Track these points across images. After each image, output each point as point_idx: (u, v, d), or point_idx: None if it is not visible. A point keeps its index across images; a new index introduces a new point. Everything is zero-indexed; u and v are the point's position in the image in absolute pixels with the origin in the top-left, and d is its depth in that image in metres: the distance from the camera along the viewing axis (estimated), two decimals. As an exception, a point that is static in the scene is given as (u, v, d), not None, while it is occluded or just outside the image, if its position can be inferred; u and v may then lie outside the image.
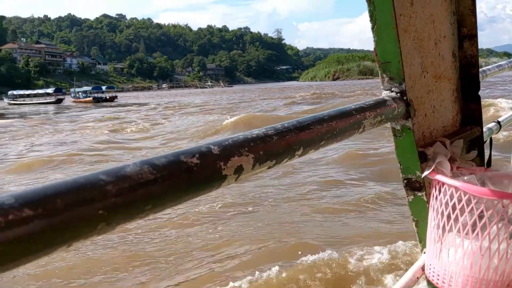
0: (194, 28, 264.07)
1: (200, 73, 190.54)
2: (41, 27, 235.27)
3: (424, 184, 1.27)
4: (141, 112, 27.79)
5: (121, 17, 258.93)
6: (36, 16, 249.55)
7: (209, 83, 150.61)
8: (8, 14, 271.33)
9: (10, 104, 57.41)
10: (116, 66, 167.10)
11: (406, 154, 1.24)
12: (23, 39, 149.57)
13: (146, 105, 38.88)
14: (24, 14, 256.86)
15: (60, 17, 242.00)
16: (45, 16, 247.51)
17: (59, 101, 55.32)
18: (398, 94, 1.14)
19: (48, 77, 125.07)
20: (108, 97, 53.21)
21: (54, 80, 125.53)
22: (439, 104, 1.38)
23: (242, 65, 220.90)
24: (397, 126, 1.19)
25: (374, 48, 1.14)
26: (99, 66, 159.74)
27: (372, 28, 1.15)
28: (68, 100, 54.19)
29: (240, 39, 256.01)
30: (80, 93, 55.08)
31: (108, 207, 0.43)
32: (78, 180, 0.43)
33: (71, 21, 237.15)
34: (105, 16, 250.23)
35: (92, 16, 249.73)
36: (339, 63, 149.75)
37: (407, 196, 1.31)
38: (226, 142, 0.61)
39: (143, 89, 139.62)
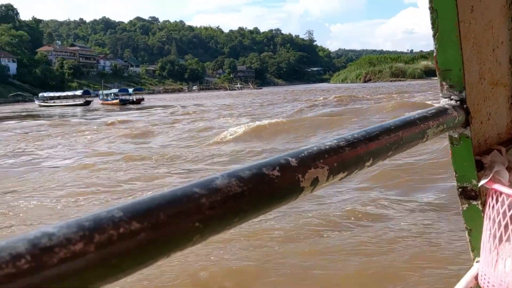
0: (226, 30, 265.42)
1: (231, 75, 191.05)
2: (76, 30, 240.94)
3: (479, 193, 1.25)
4: (155, 116, 27.68)
5: (154, 19, 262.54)
6: (72, 19, 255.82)
7: (238, 85, 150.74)
8: (46, 17, 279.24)
9: (40, 106, 58.59)
10: (148, 68, 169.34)
11: (462, 162, 1.23)
12: (58, 42, 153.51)
13: (169, 108, 38.94)
14: (61, 18, 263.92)
15: (95, 20, 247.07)
16: (81, 19, 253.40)
17: (87, 103, 56.12)
18: (458, 102, 1.13)
19: (82, 79, 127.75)
20: (134, 100, 53.58)
21: (88, 82, 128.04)
22: (495, 111, 1.36)
23: (273, 67, 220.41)
24: (455, 134, 1.19)
25: (435, 56, 1.12)
26: (131, 68, 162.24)
27: (434, 36, 1.14)
28: (97, 102, 54.94)
29: (271, 40, 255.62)
30: (107, 95, 55.66)
31: (203, 219, 0.45)
32: (176, 193, 0.45)
33: (106, 24, 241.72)
34: (138, 19, 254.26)
35: (126, 19, 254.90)
36: (370, 64, 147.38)
37: (461, 205, 1.29)
38: (302, 154, 0.61)
39: (173, 91, 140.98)
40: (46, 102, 60.15)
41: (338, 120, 13.98)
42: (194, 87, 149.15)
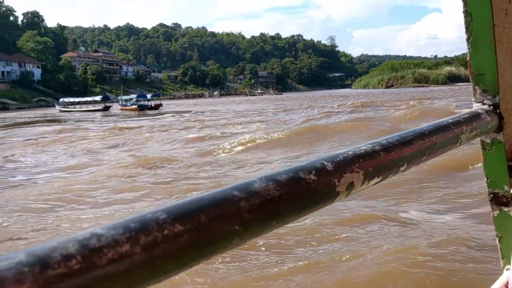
0: (247, 36, 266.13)
1: (252, 80, 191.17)
2: (101, 36, 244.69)
3: (511, 199, 1.22)
4: (164, 121, 27.42)
5: (177, 26, 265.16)
6: (96, 25, 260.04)
7: (259, 91, 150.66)
8: (71, 24, 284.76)
9: (61, 111, 59.22)
10: (170, 74, 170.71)
11: (494, 168, 1.22)
12: (82, 48, 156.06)
13: (183, 114, 38.85)
14: (86, 24, 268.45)
15: (119, 27, 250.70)
16: (105, 25, 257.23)
17: (106, 108, 56.56)
18: (491, 107, 1.11)
19: (105, 85, 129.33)
20: (153, 105, 53.68)
21: (110, 87, 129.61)
22: None
23: (294, 73, 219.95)
24: (487, 139, 1.18)
25: (468, 60, 1.11)
26: (154, 74, 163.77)
27: (468, 40, 1.12)
28: (116, 108, 55.29)
29: (293, 46, 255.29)
30: (126, 101, 55.91)
31: (242, 222, 0.46)
32: (216, 196, 0.45)
33: (129, 31, 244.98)
34: (161, 25, 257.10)
35: (149, 26, 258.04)
36: (393, 70, 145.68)
37: (492, 211, 1.27)
38: (338, 158, 0.61)
39: (194, 96, 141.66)
40: (66, 108, 60.76)
41: (340, 132, 13.30)
42: (215, 93, 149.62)
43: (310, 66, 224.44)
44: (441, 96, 44.09)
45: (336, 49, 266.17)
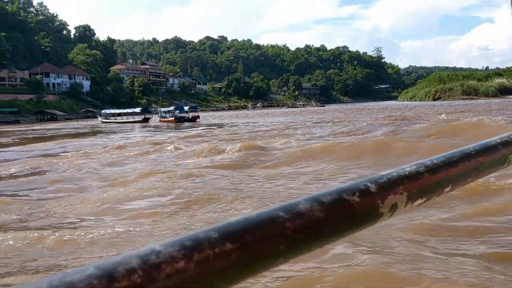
0: (292, 48, 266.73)
1: (295, 92, 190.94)
2: (149, 49, 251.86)
3: None
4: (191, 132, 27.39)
5: (223, 39, 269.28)
6: (145, 39, 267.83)
7: (301, 103, 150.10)
8: (122, 37, 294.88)
9: (103, 122, 60.86)
10: (215, 85, 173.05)
11: None
12: (130, 61, 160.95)
13: (215, 127, 38.99)
14: (136, 37, 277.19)
15: (167, 40, 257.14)
16: (154, 39, 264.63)
17: (146, 120, 57.60)
18: None
19: (151, 96, 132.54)
20: (190, 117, 54.21)
21: (156, 99, 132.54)
22: None
23: (339, 84, 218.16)
24: None
25: None
26: (199, 86, 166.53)
27: None
28: (156, 120, 56.16)
29: (338, 58, 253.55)
30: (165, 113, 56.70)
31: (287, 242, 0.47)
32: (263, 216, 0.47)
33: (177, 43, 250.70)
34: (208, 38, 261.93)
35: (196, 39, 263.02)
36: (440, 82, 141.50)
37: None
38: (382, 180, 0.62)
39: (237, 108, 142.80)
40: (107, 119, 62.25)
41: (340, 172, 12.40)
42: (258, 104, 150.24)
43: (355, 77, 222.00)
44: (488, 109, 42.06)
45: (383, 60, 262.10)
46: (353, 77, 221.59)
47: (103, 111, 67.30)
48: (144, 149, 18.33)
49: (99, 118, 64.25)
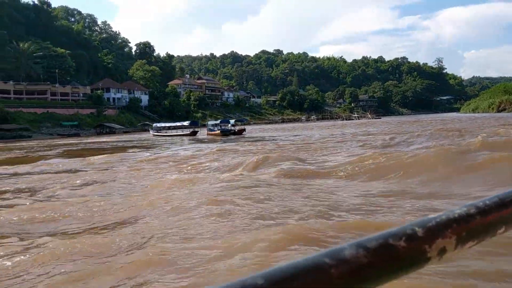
0: (349, 60, 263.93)
1: (352, 104, 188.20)
2: (207, 64, 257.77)
3: None
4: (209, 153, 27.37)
5: (279, 52, 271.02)
6: (203, 54, 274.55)
7: (355, 115, 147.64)
8: (181, 53, 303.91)
9: (154, 135, 62.49)
10: (269, 99, 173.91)
11: None
12: (187, 76, 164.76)
13: (258, 141, 39.02)
14: (194, 53, 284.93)
15: (224, 55, 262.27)
16: (211, 54, 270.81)
17: (193, 133, 58.45)
18: None
19: (207, 110, 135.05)
20: (236, 130, 54.51)
21: (211, 112, 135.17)
22: None
23: (397, 96, 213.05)
24: None
25: None
26: (253, 99, 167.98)
27: None
28: (204, 132, 56.87)
29: (397, 69, 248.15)
30: (213, 126, 57.25)
31: None
32: (308, 263, 0.48)
33: (233, 58, 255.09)
34: (263, 52, 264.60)
35: (252, 53, 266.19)
36: (506, 93, 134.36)
37: None
38: (430, 224, 0.61)
39: (291, 120, 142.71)
40: (158, 132, 63.86)
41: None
42: (313, 117, 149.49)
43: (414, 89, 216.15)
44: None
45: (444, 71, 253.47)
46: (412, 89, 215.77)
47: (154, 124, 69.01)
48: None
49: (151, 132, 65.96)
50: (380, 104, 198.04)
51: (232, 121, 59.26)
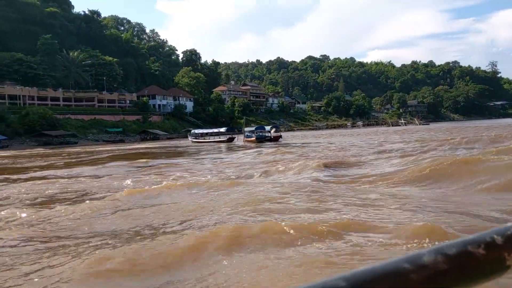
0: (398, 65, 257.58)
1: (400, 110, 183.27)
2: (253, 71, 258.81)
3: None
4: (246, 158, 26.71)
5: (325, 57, 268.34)
6: (250, 61, 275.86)
7: (402, 121, 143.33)
8: (228, 60, 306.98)
9: (192, 141, 62.69)
10: (314, 104, 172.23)
11: None
12: (232, 82, 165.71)
13: (291, 146, 38.14)
14: (241, 60, 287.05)
15: (270, 61, 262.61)
16: (257, 60, 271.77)
17: (230, 140, 58.19)
18: None
19: (251, 116, 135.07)
20: (272, 137, 53.80)
21: (256, 118, 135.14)
22: None
23: (448, 101, 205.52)
24: None
25: None
26: (298, 105, 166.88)
27: None
28: (241, 139, 56.47)
29: (448, 74, 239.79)
30: (250, 132, 56.71)
31: None
32: (387, 267, 0.49)
33: (279, 64, 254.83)
34: (310, 57, 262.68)
35: (298, 59, 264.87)
36: None
37: None
38: (509, 232, 0.59)
39: (335, 126, 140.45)
40: (196, 139, 63.98)
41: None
42: (359, 123, 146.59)
43: (466, 94, 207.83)
44: None
45: (498, 75, 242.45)
46: (464, 94, 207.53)
47: (192, 131, 69.38)
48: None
49: (189, 138, 66.26)
50: (429, 109, 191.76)
51: (267, 128, 58.70)
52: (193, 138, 64.50)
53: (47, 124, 72.37)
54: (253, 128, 59.90)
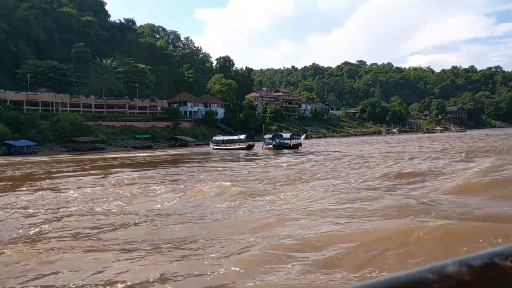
0: (437, 70, 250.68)
1: (439, 116, 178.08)
2: (288, 77, 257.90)
3: None
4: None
5: (362, 63, 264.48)
6: (285, 67, 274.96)
7: (438, 128, 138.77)
8: (264, 67, 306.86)
9: (214, 148, 62.10)
10: (349, 111, 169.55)
11: None
12: (265, 89, 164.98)
13: (308, 154, 36.92)
14: (276, 66, 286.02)
15: (305, 67, 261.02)
16: (293, 66, 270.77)
17: (249, 147, 57.18)
18: None
19: (282, 122, 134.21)
20: (291, 144, 52.53)
21: (287, 125, 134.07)
22: None
23: (490, 108, 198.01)
24: None
25: None
26: (332, 111, 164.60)
27: None
28: (261, 146, 55.46)
29: (490, 79, 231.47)
30: (269, 140, 55.57)
31: None
32: (410, 277, 0.49)
33: (314, 70, 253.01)
34: (346, 63, 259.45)
35: (334, 65, 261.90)
36: None
37: None
38: None
39: (370, 133, 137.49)
40: (218, 145, 63.36)
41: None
42: (394, 130, 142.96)
43: (509, 100, 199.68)
44: None
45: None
46: (507, 100, 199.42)
47: (214, 138, 68.88)
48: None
49: (211, 145, 65.69)
50: (470, 116, 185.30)
51: (286, 135, 57.52)
52: (214, 145, 63.91)
53: (77, 131, 73.61)
54: (270, 135, 58.63)
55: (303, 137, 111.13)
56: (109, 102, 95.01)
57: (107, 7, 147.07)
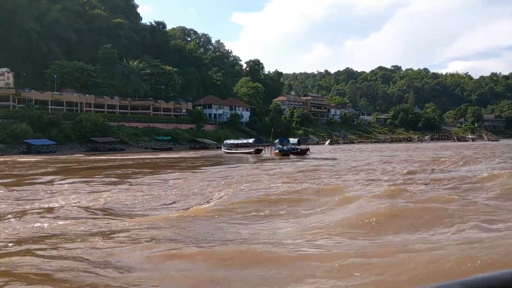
0: (476, 77, 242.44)
1: (475, 124, 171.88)
2: (321, 81, 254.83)
3: None
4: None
5: (397, 68, 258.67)
6: (318, 71, 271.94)
7: (470, 136, 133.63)
8: (297, 70, 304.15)
9: (225, 152, 61.15)
10: (380, 116, 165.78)
11: None
12: (293, 92, 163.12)
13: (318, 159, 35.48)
14: (310, 70, 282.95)
15: (338, 71, 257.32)
16: (326, 71, 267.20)
17: (258, 151, 55.90)
18: None
19: (310, 127, 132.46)
20: (299, 150, 51.00)
21: (315, 129, 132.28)
22: None
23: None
24: None
25: None
26: (362, 116, 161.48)
27: None
28: (269, 151, 54.13)
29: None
30: (280, 144, 54.12)
31: None
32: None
33: (348, 75, 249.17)
34: (380, 68, 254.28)
35: (368, 69, 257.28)
36: None
37: None
38: None
39: (401, 140, 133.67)
40: (229, 149, 62.43)
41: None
42: (426, 137, 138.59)
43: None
44: None
45: None
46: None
47: (225, 141, 68.21)
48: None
49: (223, 148, 64.85)
50: (508, 124, 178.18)
51: (293, 140, 56.03)
52: (226, 149, 63.04)
53: (98, 131, 74.26)
54: (276, 140, 57.13)
55: (327, 142, 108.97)
56: (134, 103, 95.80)
57: (140, 10, 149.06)
